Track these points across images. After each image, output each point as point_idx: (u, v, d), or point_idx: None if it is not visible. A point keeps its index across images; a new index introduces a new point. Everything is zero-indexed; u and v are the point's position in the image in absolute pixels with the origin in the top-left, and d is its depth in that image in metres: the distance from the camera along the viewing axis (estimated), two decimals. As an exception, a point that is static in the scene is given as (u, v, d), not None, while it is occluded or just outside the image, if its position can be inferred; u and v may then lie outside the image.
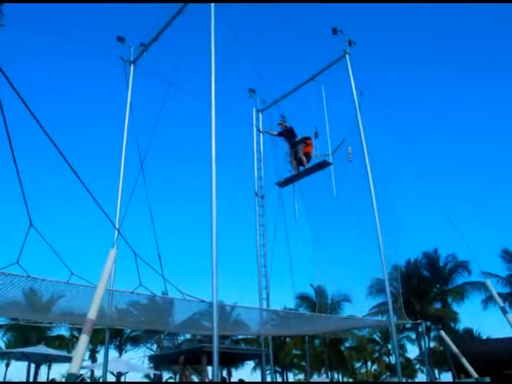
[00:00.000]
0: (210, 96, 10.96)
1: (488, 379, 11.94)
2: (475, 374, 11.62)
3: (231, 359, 27.71)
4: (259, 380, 31.46)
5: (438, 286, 43.85)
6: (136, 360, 39.47)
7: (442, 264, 43.33)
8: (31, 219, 6.65)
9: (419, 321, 20.13)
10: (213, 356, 8.63)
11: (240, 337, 46.68)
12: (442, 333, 13.71)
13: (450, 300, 42.50)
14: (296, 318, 16.14)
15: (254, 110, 18.47)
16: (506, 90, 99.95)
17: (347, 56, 15.93)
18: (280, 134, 17.04)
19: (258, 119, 18.46)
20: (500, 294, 32.49)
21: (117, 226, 12.12)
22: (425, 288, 42.29)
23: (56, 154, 5.43)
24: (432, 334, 43.20)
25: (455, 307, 42.04)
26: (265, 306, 15.02)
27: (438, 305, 43.24)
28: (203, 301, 9.75)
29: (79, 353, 5.75)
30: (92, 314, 6.01)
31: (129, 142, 14.20)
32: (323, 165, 15.78)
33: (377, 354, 61.01)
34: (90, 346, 47.04)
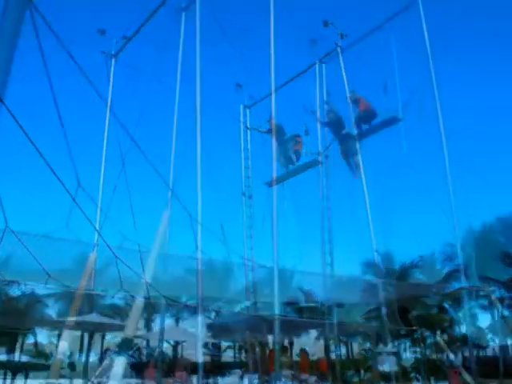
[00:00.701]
0: (195, 91, 10.98)
1: None
2: (473, 382, 11.75)
3: (294, 327, 27.45)
4: (322, 350, 31.75)
5: (434, 290, 43.87)
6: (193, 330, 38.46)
7: (438, 267, 43.42)
8: (7, 220, 6.64)
9: (414, 327, 20.24)
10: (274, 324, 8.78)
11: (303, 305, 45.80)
12: (439, 339, 13.84)
13: (446, 305, 42.58)
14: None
15: (241, 106, 18.43)
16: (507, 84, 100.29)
17: (339, 49, 15.97)
18: (269, 131, 17.01)
19: (245, 115, 18.43)
20: (499, 299, 32.71)
21: (97, 227, 12.10)
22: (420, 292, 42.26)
23: (34, 151, 5.44)
24: (428, 341, 43.37)
25: (452, 313, 42.16)
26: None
27: (433, 310, 43.31)
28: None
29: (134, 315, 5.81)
30: (71, 319, 6.07)
31: (110, 140, 14.12)
32: (313, 163, 15.83)
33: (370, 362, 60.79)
34: (145, 316, 45.80)
